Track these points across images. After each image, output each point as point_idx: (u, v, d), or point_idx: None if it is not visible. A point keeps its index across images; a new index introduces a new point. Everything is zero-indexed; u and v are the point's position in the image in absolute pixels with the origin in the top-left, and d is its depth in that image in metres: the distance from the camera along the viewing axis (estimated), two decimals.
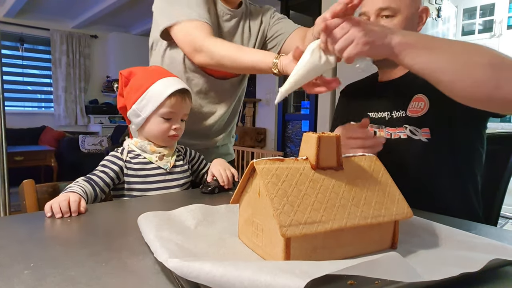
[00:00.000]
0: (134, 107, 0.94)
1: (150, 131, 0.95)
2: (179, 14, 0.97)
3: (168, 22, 0.98)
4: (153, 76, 0.95)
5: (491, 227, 0.68)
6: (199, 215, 0.64)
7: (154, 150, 0.96)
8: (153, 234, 0.52)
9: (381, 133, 0.98)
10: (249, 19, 1.16)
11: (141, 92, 0.93)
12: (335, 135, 0.52)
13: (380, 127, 0.99)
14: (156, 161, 0.96)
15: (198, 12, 0.97)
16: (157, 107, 0.92)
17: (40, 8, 4.55)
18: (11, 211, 1.70)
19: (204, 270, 0.39)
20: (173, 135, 0.95)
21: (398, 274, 0.39)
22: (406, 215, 0.53)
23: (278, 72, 0.83)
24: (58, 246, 0.56)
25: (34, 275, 0.46)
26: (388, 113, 0.97)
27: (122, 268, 0.48)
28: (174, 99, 0.93)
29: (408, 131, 0.92)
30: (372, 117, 1.01)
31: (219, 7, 1.08)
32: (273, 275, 0.36)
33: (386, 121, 0.98)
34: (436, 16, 2.15)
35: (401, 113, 0.94)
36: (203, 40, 0.93)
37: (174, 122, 0.95)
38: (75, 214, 0.71)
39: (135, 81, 0.96)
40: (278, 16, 1.20)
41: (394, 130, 0.95)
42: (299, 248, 0.46)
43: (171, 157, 0.98)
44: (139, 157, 0.95)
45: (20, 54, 4.93)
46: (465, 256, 0.49)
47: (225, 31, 1.10)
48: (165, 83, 0.93)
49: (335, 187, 0.50)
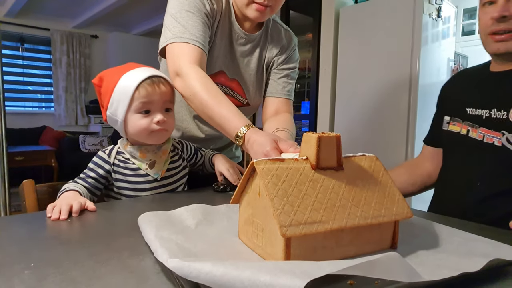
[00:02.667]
0: (108, 113, 0.86)
1: (131, 132, 0.86)
2: (174, 34, 0.92)
3: (164, 42, 0.94)
4: (118, 73, 0.86)
5: (491, 227, 0.68)
6: (199, 215, 0.64)
7: (144, 156, 0.88)
8: (153, 234, 0.52)
9: (473, 134, 0.87)
10: (267, 46, 1.10)
11: (110, 95, 0.84)
12: (335, 135, 0.52)
13: (474, 126, 0.87)
14: (146, 169, 0.88)
15: (192, 34, 0.91)
16: (128, 103, 0.83)
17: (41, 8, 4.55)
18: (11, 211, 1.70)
19: (204, 270, 0.39)
20: (157, 129, 0.85)
21: (398, 274, 0.39)
22: (406, 215, 0.52)
23: (240, 145, 0.78)
24: (58, 246, 0.56)
25: (35, 275, 0.45)
26: (487, 111, 0.84)
27: (122, 268, 0.48)
28: (143, 89, 0.83)
29: (504, 139, 0.79)
30: (469, 114, 0.89)
31: (235, 29, 1.03)
32: (273, 275, 0.36)
33: (482, 120, 0.85)
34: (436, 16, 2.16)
35: (502, 114, 0.81)
36: (184, 64, 0.88)
37: (154, 114, 0.85)
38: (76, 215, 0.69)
39: (104, 85, 0.87)
40: (290, 64, 1.13)
41: (489, 133, 0.83)
42: (299, 248, 0.46)
43: (163, 164, 0.91)
44: (129, 162, 0.88)
45: (20, 54, 4.93)
46: (465, 256, 0.48)
47: (238, 54, 1.06)
48: (129, 77, 0.84)
49: (335, 187, 0.50)
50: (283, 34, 1.13)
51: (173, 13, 0.94)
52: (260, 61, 1.10)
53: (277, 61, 1.12)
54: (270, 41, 1.10)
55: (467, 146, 0.89)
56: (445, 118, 0.99)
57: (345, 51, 2.53)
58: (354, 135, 2.44)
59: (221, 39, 1.02)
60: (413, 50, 2.11)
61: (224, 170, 0.96)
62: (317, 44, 2.76)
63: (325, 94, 2.70)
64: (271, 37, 1.11)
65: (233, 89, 1.08)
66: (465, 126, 0.90)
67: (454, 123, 0.95)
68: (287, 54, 1.13)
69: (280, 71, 1.12)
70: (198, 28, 0.92)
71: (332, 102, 2.66)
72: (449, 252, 0.51)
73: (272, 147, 0.70)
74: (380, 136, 2.27)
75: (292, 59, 1.14)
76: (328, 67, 2.65)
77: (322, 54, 2.70)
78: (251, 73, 1.09)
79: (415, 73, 2.12)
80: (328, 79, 2.66)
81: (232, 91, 1.08)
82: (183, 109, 1.10)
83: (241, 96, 1.10)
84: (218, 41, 1.02)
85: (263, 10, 0.95)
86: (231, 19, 1.02)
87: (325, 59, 2.67)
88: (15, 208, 1.75)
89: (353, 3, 2.63)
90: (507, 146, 0.79)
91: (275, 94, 1.12)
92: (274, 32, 1.12)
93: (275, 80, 1.12)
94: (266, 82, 1.14)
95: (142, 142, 0.88)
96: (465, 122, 0.90)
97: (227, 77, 1.06)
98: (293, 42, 1.15)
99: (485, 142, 0.83)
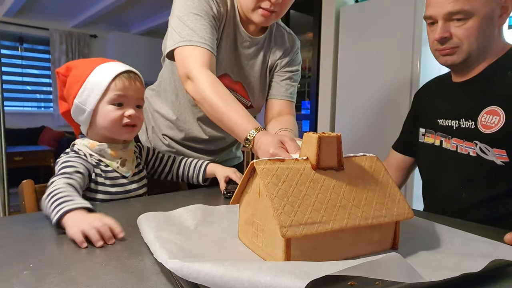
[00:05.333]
0: (76, 102, 0.81)
1: (101, 124, 0.82)
2: (182, 37, 0.92)
3: (173, 45, 0.94)
4: (90, 64, 0.83)
5: (492, 228, 0.68)
6: (199, 216, 0.64)
7: (115, 154, 0.85)
8: (152, 235, 0.52)
9: (447, 145, 0.90)
10: (270, 49, 1.11)
11: (81, 83, 0.81)
12: (335, 135, 0.52)
13: (447, 137, 0.90)
14: (118, 168, 0.85)
15: (201, 37, 0.91)
16: (103, 93, 0.80)
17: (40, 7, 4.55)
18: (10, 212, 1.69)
19: (204, 271, 0.39)
20: (127, 123, 0.83)
21: (399, 274, 0.39)
22: (407, 216, 0.52)
23: (250, 147, 0.79)
24: (57, 246, 0.56)
25: (34, 276, 0.45)
26: (456, 122, 0.87)
27: (121, 269, 0.48)
28: (120, 81, 0.81)
29: (478, 148, 0.81)
30: (440, 125, 0.92)
31: (240, 32, 1.04)
32: (273, 276, 0.36)
33: (453, 131, 0.88)
34: None
35: (470, 124, 0.83)
36: (195, 68, 0.88)
37: (127, 108, 0.83)
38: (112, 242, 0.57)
39: (73, 74, 0.83)
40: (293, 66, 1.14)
41: (461, 143, 0.85)
42: (299, 248, 0.46)
43: (132, 163, 0.89)
44: (101, 164, 0.84)
45: (19, 54, 4.92)
46: (466, 256, 0.48)
47: (242, 56, 1.07)
48: (106, 68, 0.82)
49: (335, 187, 0.50)
50: (286, 37, 1.14)
51: (181, 16, 0.94)
52: (264, 64, 1.11)
53: (280, 63, 1.13)
54: (274, 44, 1.11)
55: (442, 158, 0.91)
56: (421, 130, 1.00)
57: (346, 51, 2.52)
58: (354, 135, 2.44)
59: (226, 41, 1.02)
60: (414, 49, 2.11)
61: (231, 174, 0.95)
62: (317, 43, 2.75)
63: (325, 94, 2.69)
64: (275, 40, 1.12)
65: (237, 91, 1.08)
66: (438, 137, 0.93)
67: (429, 135, 0.97)
68: (290, 57, 1.14)
69: (283, 73, 1.13)
70: (206, 31, 0.93)
71: (333, 102, 2.65)
72: (450, 252, 0.51)
73: (278, 147, 0.70)
74: (381, 136, 2.27)
75: (295, 62, 1.15)
76: (328, 66, 2.65)
77: (322, 53, 2.69)
78: (255, 76, 1.10)
79: (416, 73, 2.11)
80: (328, 79, 2.65)
81: (236, 94, 1.08)
82: (187, 111, 1.10)
83: (245, 99, 1.11)
84: (223, 44, 1.02)
85: (268, 16, 0.95)
86: (236, 21, 1.03)
87: (325, 58, 2.67)
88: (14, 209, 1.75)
89: (353, 3, 2.63)
90: (482, 156, 0.81)
91: (278, 96, 1.13)
92: (278, 35, 1.12)
93: (278, 82, 1.13)
94: (269, 84, 1.14)
95: (110, 136, 0.85)
96: (437, 133, 0.93)
97: (231, 79, 1.06)
98: (296, 46, 1.16)
99: (460, 153, 0.86)
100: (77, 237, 0.56)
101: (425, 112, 1.00)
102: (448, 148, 0.89)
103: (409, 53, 2.14)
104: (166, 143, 1.14)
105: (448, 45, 0.84)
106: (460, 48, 0.83)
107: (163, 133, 1.14)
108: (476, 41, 0.81)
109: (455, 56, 0.84)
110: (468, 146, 0.84)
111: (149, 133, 1.17)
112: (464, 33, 0.81)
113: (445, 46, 0.85)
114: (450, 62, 0.86)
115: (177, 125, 1.11)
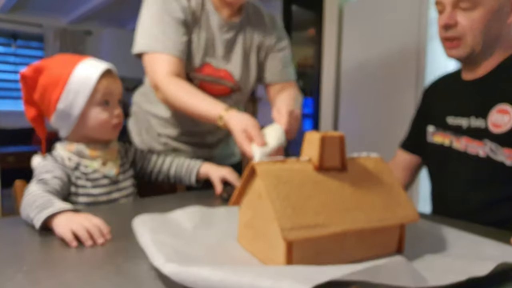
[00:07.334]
0: (61, 107, 0.77)
1: (89, 126, 0.80)
2: (148, 42, 0.94)
3: (138, 49, 0.96)
4: (68, 62, 0.79)
5: (498, 230, 0.67)
6: (197, 218, 0.62)
7: (94, 154, 0.81)
8: (148, 238, 0.50)
9: (456, 145, 0.88)
10: (250, 30, 1.11)
11: (62, 86, 0.76)
12: (338, 134, 0.50)
13: (457, 136, 0.88)
14: (100, 168, 0.82)
15: (169, 42, 0.93)
16: (91, 94, 0.77)
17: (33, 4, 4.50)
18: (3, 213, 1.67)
19: (202, 275, 0.38)
20: (117, 123, 0.82)
21: (404, 279, 0.38)
22: (413, 219, 0.51)
23: (222, 124, 0.85)
24: (51, 249, 0.55)
25: (27, 279, 0.44)
26: (467, 120, 0.86)
27: (116, 273, 0.46)
28: (105, 80, 0.79)
29: (488, 148, 0.80)
30: (450, 123, 0.91)
31: (215, 19, 1.03)
32: (274, 281, 0.35)
33: (463, 130, 0.87)
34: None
35: (481, 122, 0.82)
36: (161, 78, 0.92)
37: (113, 107, 0.82)
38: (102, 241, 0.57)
39: (48, 76, 0.78)
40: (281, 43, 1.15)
41: (472, 142, 0.84)
42: (301, 252, 0.44)
43: (115, 162, 0.85)
44: (81, 165, 0.81)
45: (12, 51, 4.87)
46: (472, 260, 0.48)
47: (221, 43, 1.06)
48: (87, 67, 0.79)
49: (339, 189, 0.49)
50: (264, 16, 1.14)
51: (145, 19, 0.96)
52: (245, 46, 1.11)
53: (266, 44, 1.13)
54: (252, 25, 1.11)
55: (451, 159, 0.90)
56: (429, 128, 0.99)
57: (349, 48, 2.47)
58: (358, 135, 2.38)
59: (202, 31, 1.02)
60: (419, 46, 2.07)
61: (227, 175, 0.92)
62: (319, 40, 2.71)
63: (328, 92, 2.64)
64: (253, 21, 1.12)
65: (222, 77, 1.08)
66: (448, 135, 0.92)
67: (438, 133, 0.96)
68: (274, 35, 1.14)
69: (274, 54, 1.14)
70: (171, 34, 0.94)
71: (336, 100, 2.60)
72: (456, 255, 0.50)
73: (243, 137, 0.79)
74: (386, 135, 2.21)
75: (281, 38, 1.15)
76: (331, 64, 2.59)
77: (325, 50, 2.63)
78: (237, 59, 1.09)
79: (422, 70, 2.06)
80: (331, 76, 2.60)
81: (222, 80, 1.08)
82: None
83: (231, 82, 1.10)
84: (200, 34, 1.02)
85: None
86: (209, 10, 1.03)
87: (328, 55, 2.61)
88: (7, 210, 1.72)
89: None
90: (491, 157, 0.80)
91: (275, 80, 1.15)
92: (255, 16, 1.12)
93: (271, 65, 1.14)
94: (263, 68, 1.15)
95: (95, 136, 0.82)
96: (447, 132, 0.92)
97: (213, 68, 1.06)
98: (276, 22, 1.16)
99: (469, 154, 0.85)
100: (67, 236, 0.55)
101: (434, 109, 0.99)
102: (457, 149, 0.89)
103: (415, 50, 2.09)
104: (163, 142, 1.13)
105: (452, 33, 0.83)
106: (463, 40, 0.83)
107: (158, 133, 1.13)
108: (480, 34, 0.81)
109: (460, 50, 0.85)
110: (478, 145, 0.83)
111: (143, 135, 1.15)
112: (469, 23, 0.81)
113: (449, 34, 0.84)
114: (455, 55, 0.86)
115: (171, 122, 1.11)
